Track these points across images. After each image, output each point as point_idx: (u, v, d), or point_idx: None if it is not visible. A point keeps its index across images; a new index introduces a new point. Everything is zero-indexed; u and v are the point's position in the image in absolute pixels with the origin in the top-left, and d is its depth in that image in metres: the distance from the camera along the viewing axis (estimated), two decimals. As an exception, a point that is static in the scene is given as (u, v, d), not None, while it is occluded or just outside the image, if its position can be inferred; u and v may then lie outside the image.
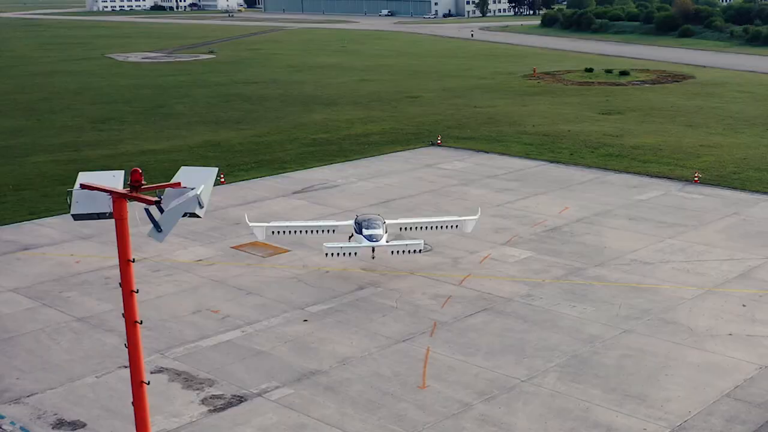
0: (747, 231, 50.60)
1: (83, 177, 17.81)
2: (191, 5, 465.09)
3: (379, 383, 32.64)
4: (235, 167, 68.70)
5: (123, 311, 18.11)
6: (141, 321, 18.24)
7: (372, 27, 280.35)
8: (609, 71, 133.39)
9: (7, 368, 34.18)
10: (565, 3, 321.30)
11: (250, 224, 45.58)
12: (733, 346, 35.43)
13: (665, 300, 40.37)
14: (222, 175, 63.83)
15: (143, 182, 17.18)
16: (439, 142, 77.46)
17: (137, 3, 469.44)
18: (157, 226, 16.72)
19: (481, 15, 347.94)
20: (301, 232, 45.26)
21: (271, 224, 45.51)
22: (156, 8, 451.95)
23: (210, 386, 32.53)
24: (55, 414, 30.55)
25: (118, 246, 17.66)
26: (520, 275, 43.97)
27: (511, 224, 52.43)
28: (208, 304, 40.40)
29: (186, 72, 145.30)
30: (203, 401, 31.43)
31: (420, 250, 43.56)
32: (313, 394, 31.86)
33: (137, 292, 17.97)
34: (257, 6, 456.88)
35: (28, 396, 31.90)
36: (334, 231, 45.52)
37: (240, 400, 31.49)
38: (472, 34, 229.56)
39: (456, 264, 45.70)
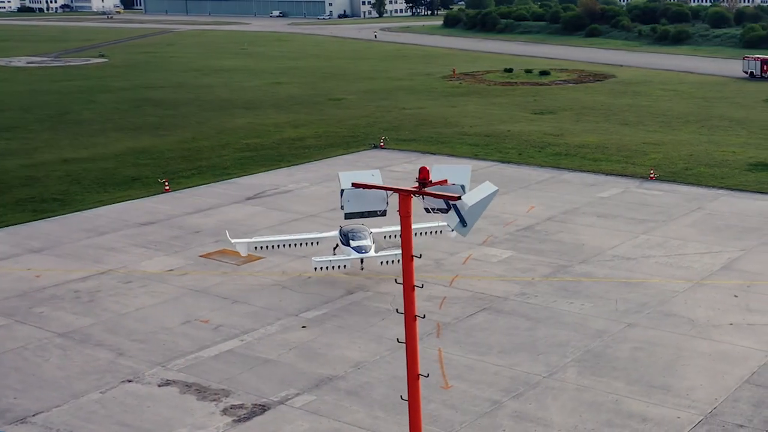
0: (716, 225, 53.51)
1: (345, 177, 18.97)
2: (63, 6, 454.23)
3: (401, 385, 33.08)
4: (174, 174, 68.19)
5: (402, 306, 19.44)
6: (424, 316, 19.62)
7: (266, 28, 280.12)
8: (529, 71, 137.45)
9: None
10: (463, 3, 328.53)
11: (233, 241, 45.75)
12: (738, 335, 37.70)
13: (658, 294, 42.51)
14: (166, 182, 63.52)
15: (430, 180, 18.54)
16: (382, 144, 78.60)
17: (1, 4, 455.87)
18: (462, 221, 17.94)
19: (378, 15, 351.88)
20: (284, 246, 45.73)
21: (254, 240, 45.95)
22: (24, 10, 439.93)
23: (226, 396, 32.75)
24: (70, 432, 30.30)
25: (402, 242, 18.82)
26: (508, 274, 45.50)
27: (482, 224, 53.82)
28: (196, 315, 40.40)
29: (82, 77, 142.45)
30: (224, 412, 31.65)
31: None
32: (337, 399, 32.46)
33: (422, 287, 19.22)
34: (136, 7, 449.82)
35: (33, 415, 31.45)
36: (317, 243, 46.23)
37: (263, 408, 31.82)
38: (375, 35, 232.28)
39: (439, 266, 46.91)
